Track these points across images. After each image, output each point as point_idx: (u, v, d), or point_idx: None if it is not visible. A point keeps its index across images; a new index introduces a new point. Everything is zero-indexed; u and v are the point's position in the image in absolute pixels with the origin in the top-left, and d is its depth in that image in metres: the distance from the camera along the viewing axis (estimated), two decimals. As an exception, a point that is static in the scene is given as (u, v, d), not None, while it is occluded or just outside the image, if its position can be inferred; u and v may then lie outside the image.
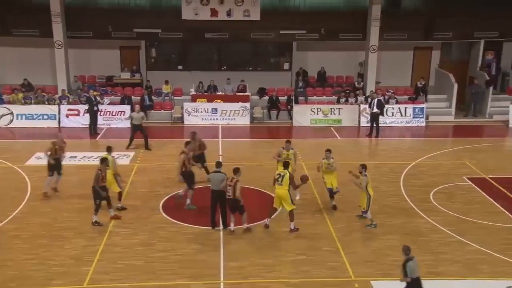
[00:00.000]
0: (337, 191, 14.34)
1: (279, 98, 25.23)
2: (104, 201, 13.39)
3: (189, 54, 28.31)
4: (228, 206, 12.92)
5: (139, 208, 14.43)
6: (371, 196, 13.26)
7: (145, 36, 25.97)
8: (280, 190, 12.94)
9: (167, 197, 15.16)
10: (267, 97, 25.49)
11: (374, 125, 22.35)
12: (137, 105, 21.61)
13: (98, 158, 18.35)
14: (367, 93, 25.01)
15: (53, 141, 15.40)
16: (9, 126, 23.01)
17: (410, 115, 24.23)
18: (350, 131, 23.37)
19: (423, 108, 24.36)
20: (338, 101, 24.89)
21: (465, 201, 15.12)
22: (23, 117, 23.28)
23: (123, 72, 26.57)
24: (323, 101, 25.35)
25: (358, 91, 25.35)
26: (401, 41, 26.17)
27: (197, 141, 16.15)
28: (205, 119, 24.25)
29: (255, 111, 24.84)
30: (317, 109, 24.28)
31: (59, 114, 23.37)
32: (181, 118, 24.42)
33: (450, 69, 26.44)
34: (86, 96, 23.22)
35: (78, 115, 23.36)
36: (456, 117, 25.27)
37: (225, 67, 27.56)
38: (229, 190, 12.67)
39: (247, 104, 24.45)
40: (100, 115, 23.28)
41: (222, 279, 11.02)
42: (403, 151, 20.39)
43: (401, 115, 24.24)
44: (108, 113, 23.55)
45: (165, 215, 14.05)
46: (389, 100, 24.35)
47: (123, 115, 23.53)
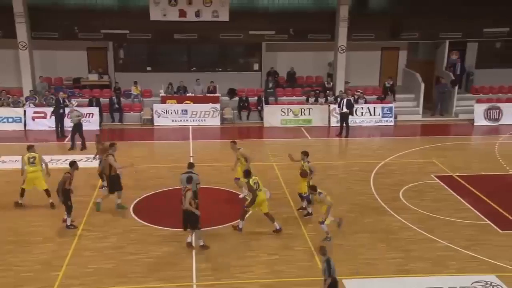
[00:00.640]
0: (305, 196, 14.02)
1: (249, 98, 25.26)
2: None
3: (158, 55, 28.11)
4: (182, 219, 12.50)
5: (109, 211, 14.23)
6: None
7: (112, 37, 25.67)
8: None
9: (137, 199, 15.00)
10: (237, 98, 25.50)
11: (344, 124, 22.59)
12: (73, 99, 21.43)
13: (67, 161, 18.26)
14: (337, 93, 25.26)
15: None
16: (-28, 129, 22.44)
17: (379, 115, 24.59)
18: (320, 131, 23.55)
19: (391, 107, 24.75)
20: (307, 101, 25.05)
21: (433, 199, 15.41)
22: (-13, 119, 22.80)
23: (91, 74, 26.22)
24: (293, 102, 25.51)
25: (328, 91, 25.58)
26: (369, 41, 26.56)
27: (100, 145, 15.76)
28: (175, 121, 24.11)
29: (225, 112, 24.83)
30: (288, 109, 24.42)
31: (25, 116, 22.92)
32: (151, 120, 24.23)
33: (417, 68, 26.98)
34: (55, 98, 22.81)
35: (44, 117, 22.97)
36: (424, 116, 25.80)
37: (194, 68, 27.46)
38: (183, 200, 11.98)
39: (217, 105, 24.42)
40: (68, 117, 22.91)
41: (195, 281, 10.97)
42: (373, 150, 20.65)
43: (370, 114, 24.57)
44: (76, 115, 23.17)
45: (135, 217, 13.91)
46: (358, 100, 24.67)
47: (91, 117, 23.24)
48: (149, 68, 27.29)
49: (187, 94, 25.19)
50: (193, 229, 12.09)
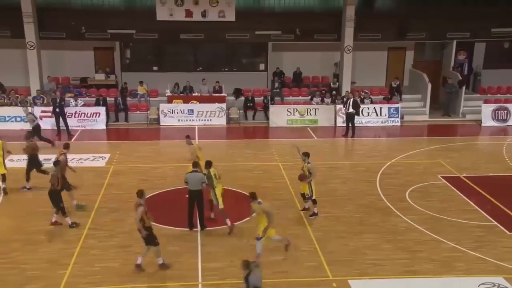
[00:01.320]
0: (308, 197, 14.01)
1: (255, 98, 25.24)
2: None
3: (164, 55, 28.13)
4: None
5: (116, 210, 14.27)
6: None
7: (119, 37, 25.72)
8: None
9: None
10: (243, 98, 25.48)
11: (350, 125, 22.53)
12: (28, 97, 21.75)
13: (73, 160, 18.33)
14: (343, 93, 25.19)
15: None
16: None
17: (385, 115, 24.49)
18: (326, 131, 23.50)
19: (398, 108, 24.65)
20: (311, 100, 25.06)
21: (440, 199, 15.33)
22: (-7, 118, 22.94)
23: (98, 74, 26.27)
24: (299, 102, 25.44)
25: (334, 92, 25.52)
26: (375, 41, 26.47)
27: (28, 143, 15.79)
28: (181, 120, 24.12)
29: (231, 112, 24.80)
30: (294, 109, 24.37)
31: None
32: (157, 120, 24.24)
33: (424, 69, 26.85)
34: (51, 98, 23.03)
35: (52, 117, 22.98)
36: (431, 117, 25.66)
37: (200, 68, 27.45)
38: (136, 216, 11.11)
39: (223, 105, 24.40)
40: (74, 116, 23.09)
41: (201, 281, 10.96)
42: (379, 151, 20.58)
43: (377, 115, 24.48)
44: (83, 114, 23.28)
45: (142, 217, 13.88)
46: (364, 100, 24.58)
47: (98, 116, 23.31)
48: (155, 68, 27.32)
49: (193, 94, 25.18)
50: (150, 245, 11.22)
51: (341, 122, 23.86)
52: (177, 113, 24.12)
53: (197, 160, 14.05)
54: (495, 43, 27.43)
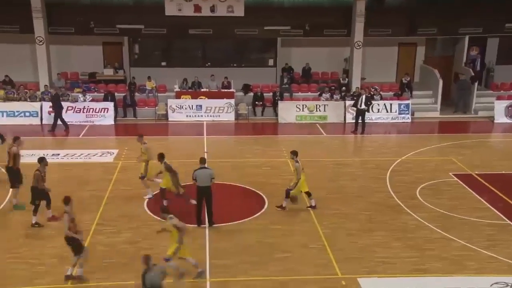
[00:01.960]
0: (288, 189, 13.90)
1: (264, 94, 25.16)
2: (44, 201, 13.23)
3: (172, 50, 28.12)
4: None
5: (124, 206, 14.28)
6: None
7: (128, 32, 25.71)
8: None
9: (151, 194, 14.99)
10: (252, 94, 25.42)
11: (360, 121, 22.40)
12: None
13: (81, 155, 18.39)
14: (353, 89, 25.06)
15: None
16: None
17: (396, 111, 24.34)
18: (335, 128, 23.41)
19: (408, 104, 24.47)
20: (320, 96, 24.95)
21: (451, 197, 15.20)
22: (4, 114, 23.00)
23: (106, 69, 26.30)
24: (309, 97, 25.34)
25: (344, 87, 25.39)
26: (386, 37, 26.24)
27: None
28: (190, 116, 24.11)
29: (240, 107, 24.75)
30: (303, 105, 24.29)
31: (41, 111, 23.12)
32: (166, 115, 24.25)
33: (435, 65, 26.62)
34: (52, 94, 23.09)
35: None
36: (442, 113, 25.44)
37: (209, 63, 27.39)
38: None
39: (232, 101, 24.37)
40: (83, 112, 23.15)
41: (209, 277, 10.94)
42: (389, 148, 20.46)
43: (387, 111, 24.33)
44: (91, 110, 23.33)
45: (149, 213, 13.92)
46: (374, 96, 24.42)
47: (106, 112, 23.35)
48: (164, 63, 27.31)
49: (202, 90, 25.15)
50: (76, 254, 10.74)
51: (350, 118, 23.74)
52: (186, 108, 24.12)
53: (143, 161, 14.31)
54: (508, 39, 27.03)
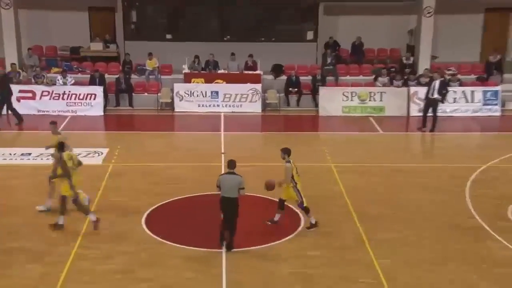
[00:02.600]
0: (299, 204, 14.02)
1: (301, 78, 25.11)
2: None
3: (181, 18, 28.30)
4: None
5: (115, 222, 14.35)
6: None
7: (122, -7, 26.06)
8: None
9: (151, 208, 15.07)
10: (284, 77, 25.38)
11: (430, 114, 22.26)
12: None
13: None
14: (420, 71, 24.89)
15: None
16: None
17: (479, 102, 24.23)
18: (395, 123, 23.41)
19: (497, 91, 24.28)
20: (376, 80, 24.93)
21: (554, 218, 14.94)
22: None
23: (94, 42, 26.59)
24: (360, 83, 25.35)
25: (408, 69, 25.20)
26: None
27: None
28: (203, 106, 24.26)
29: (269, 95, 24.77)
30: (352, 93, 24.29)
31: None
32: (171, 104, 24.40)
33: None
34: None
35: (33, 98, 23.43)
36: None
37: (228, 36, 27.53)
38: None
39: (258, 86, 24.40)
40: (63, 99, 23.39)
41: (225, 320, 10.93)
42: (470, 150, 20.43)
43: (467, 101, 24.24)
44: (73, 96, 23.58)
45: (148, 232, 13.96)
46: (450, 82, 24.22)
47: (93, 99, 23.57)
48: (169, 36, 27.53)
49: (219, 71, 25.25)
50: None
51: (416, 110, 23.58)
52: (197, 96, 24.25)
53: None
54: None
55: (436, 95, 22.20)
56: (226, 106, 24.31)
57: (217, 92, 24.32)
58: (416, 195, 16.30)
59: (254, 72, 25.24)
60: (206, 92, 24.31)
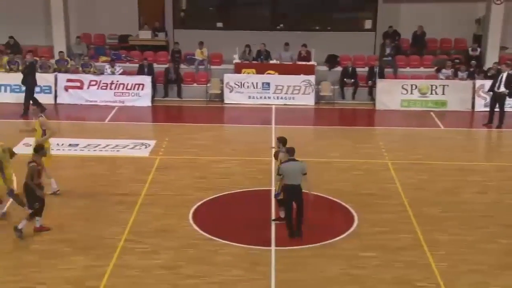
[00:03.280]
0: (275, 194, 14.07)
1: (357, 69, 25.04)
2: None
3: (232, 6, 28.38)
4: None
5: (162, 217, 14.55)
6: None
7: (173, -20, 26.28)
8: None
9: (199, 202, 15.28)
10: (339, 68, 25.32)
11: (497, 109, 21.95)
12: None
13: (107, 147, 18.94)
14: (488, 64, 24.52)
15: None
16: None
17: (551, 96, 23.63)
18: (459, 118, 23.14)
19: None
20: (438, 71, 24.64)
21: None
22: (8, 88, 23.93)
23: (142, 31, 26.86)
24: (420, 75, 25.08)
25: (474, 61, 24.83)
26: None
27: None
28: (253, 98, 24.35)
29: (323, 87, 24.72)
30: (411, 85, 24.08)
31: (56, 85, 23.94)
32: (220, 96, 24.57)
33: None
34: (29, 61, 23.09)
35: (81, 88, 23.85)
36: None
37: (281, 25, 27.50)
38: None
39: (312, 78, 24.37)
40: (110, 88, 23.75)
41: (273, 320, 11.04)
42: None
43: (537, 96, 23.67)
44: (121, 86, 23.95)
45: (196, 227, 14.13)
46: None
47: (141, 89, 23.87)
48: (219, 25, 27.62)
49: (271, 62, 25.27)
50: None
51: (482, 105, 23.30)
52: (248, 87, 24.36)
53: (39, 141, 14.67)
54: None
55: (502, 89, 21.82)
56: (277, 98, 24.32)
57: (268, 84, 24.37)
58: (478, 195, 16.08)
59: (308, 63, 25.16)
60: (257, 83, 24.37)
